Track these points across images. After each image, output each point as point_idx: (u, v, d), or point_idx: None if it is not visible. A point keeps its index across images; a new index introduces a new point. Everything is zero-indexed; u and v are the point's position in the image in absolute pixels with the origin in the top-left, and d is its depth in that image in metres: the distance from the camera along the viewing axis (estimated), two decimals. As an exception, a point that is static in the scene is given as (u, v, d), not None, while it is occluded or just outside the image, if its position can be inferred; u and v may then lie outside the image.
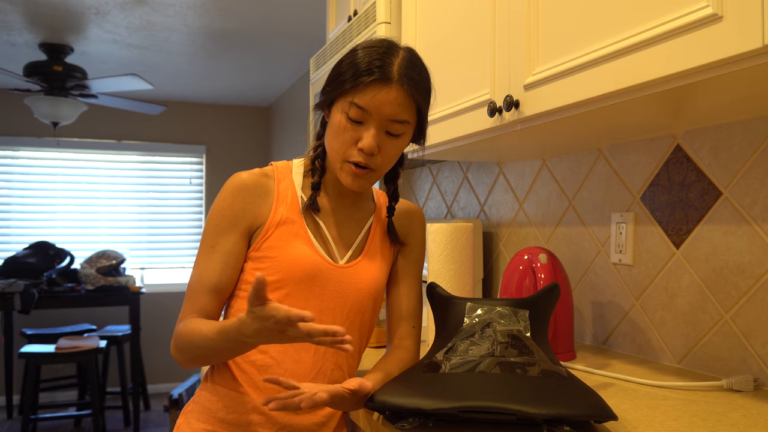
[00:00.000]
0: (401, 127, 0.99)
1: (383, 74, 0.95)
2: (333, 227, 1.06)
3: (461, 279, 1.47)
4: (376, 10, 1.80)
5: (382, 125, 0.97)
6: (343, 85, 0.97)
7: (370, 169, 1.00)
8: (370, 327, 1.11)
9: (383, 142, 0.98)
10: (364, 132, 0.97)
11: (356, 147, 0.98)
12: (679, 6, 0.86)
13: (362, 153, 0.97)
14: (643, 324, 1.41)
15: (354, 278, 1.05)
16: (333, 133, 1.00)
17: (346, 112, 0.97)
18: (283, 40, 3.64)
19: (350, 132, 0.97)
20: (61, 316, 4.97)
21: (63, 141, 4.97)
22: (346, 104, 0.97)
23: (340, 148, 0.99)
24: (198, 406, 1.03)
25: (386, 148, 0.99)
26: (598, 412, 0.81)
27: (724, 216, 1.22)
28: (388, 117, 0.97)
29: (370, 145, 0.96)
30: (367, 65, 0.96)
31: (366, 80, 0.95)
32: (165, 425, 4.29)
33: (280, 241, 1.01)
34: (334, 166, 1.02)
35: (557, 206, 1.70)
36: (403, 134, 1.00)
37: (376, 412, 0.97)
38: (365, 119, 0.97)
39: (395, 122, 0.98)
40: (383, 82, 0.95)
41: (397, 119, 0.97)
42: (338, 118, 0.98)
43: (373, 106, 0.95)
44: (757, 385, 1.13)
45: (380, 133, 0.98)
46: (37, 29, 3.43)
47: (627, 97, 0.97)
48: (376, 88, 0.95)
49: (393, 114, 0.97)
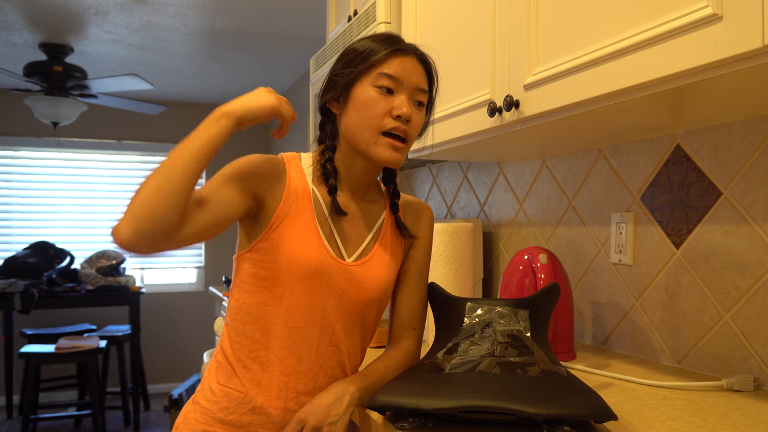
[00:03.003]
0: (424, 97, 1.03)
1: (403, 46, 1.01)
2: (342, 224, 1.05)
3: (461, 279, 1.47)
4: (376, 10, 1.80)
5: (411, 94, 1.01)
6: (366, 61, 1.00)
7: (405, 140, 1.01)
8: (373, 327, 1.11)
9: (413, 111, 1.01)
10: (396, 100, 1.00)
11: (390, 116, 0.99)
12: (679, 6, 0.86)
13: (400, 119, 0.99)
14: (643, 324, 1.41)
15: (361, 277, 1.04)
16: (361, 109, 1.00)
17: (376, 84, 1.00)
18: (283, 40, 3.64)
19: (382, 102, 0.99)
20: (61, 316, 4.97)
21: (63, 141, 4.97)
22: (375, 77, 1.00)
23: (373, 120, 0.99)
24: (198, 406, 1.03)
25: (414, 118, 1.02)
26: (598, 412, 0.81)
27: (724, 216, 1.22)
28: (415, 85, 1.01)
29: (406, 111, 0.99)
30: (383, 41, 1.01)
31: (390, 51, 1.00)
32: (165, 425, 4.29)
33: (287, 233, 0.99)
34: (366, 144, 1.00)
35: (557, 206, 1.70)
36: (425, 106, 1.05)
37: (376, 412, 0.97)
38: (396, 88, 1.00)
39: (420, 91, 1.02)
40: (405, 53, 1.01)
41: (422, 87, 1.02)
42: (367, 93, 1.00)
43: (403, 74, 1.00)
44: (757, 385, 1.13)
45: (410, 102, 1.01)
46: (37, 29, 3.43)
47: (627, 97, 0.97)
48: (402, 58, 1.01)
49: (418, 82, 1.02)
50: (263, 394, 1.00)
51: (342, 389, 0.97)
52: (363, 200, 1.09)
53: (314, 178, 1.06)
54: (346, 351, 1.05)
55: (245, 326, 1.01)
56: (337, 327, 1.03)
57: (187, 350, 5.31)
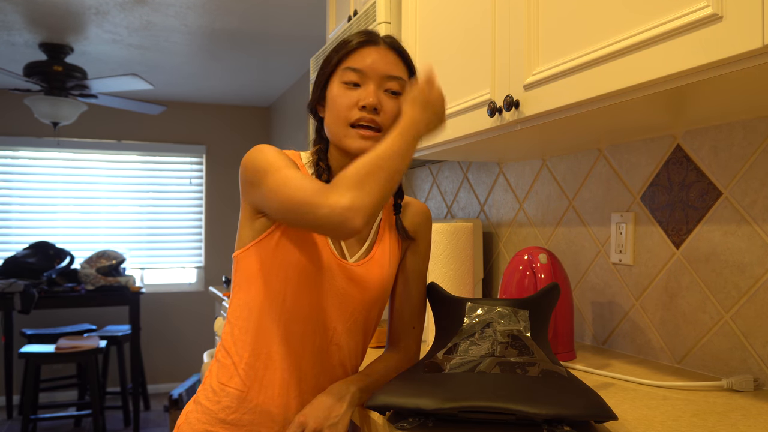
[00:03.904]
0: (398, 84, 1.02)
1: (370, 37, 1.02)
2: None
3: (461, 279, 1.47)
4: (376, 10, 1.80)
5: (380, 83, 1.01)
6: (333, 59, 1.02)
7: (376, 130, 1.00)
8: (374, 326, 1.11)
9: (383, 100, 1.00)
10: (362, 91, 1.00)
11: (356, 107, 0.99)
12: (679, 6, 0.86)
13: (365, 110, 0.99)
14: (643, 324, 1.41)
15: (362, 277, 1.04)
16: (332, 106, 1.02)
17: (342, 80, 1.00)
18: (283, 40, 3.64)
19: (349, 96, 1.00)
20: (61, 316, 4.97)
21: (63, 141, 4.97)
22: (341, 73, 1.01)
23: (341, 113, 1.00)
24: (199, 406, 1.03)
25: (387, 106, 1.01)
26: (598, 412, 0.81)
27: (724, 216, 1.22)
28: (383, 73, 1.00)
29: (370, 100, 0.98)
30: (352, 36, 1.02)
31: (355, 44, 1.01)
32: (165, 425, 4.29)
33: (291, 231, 1.00)
34: (339, 138, 1.01)
35: (557, 206, 1.70)
36: (401, 93, 1.03)
37: (376, 412, 0.97)
38: (362, 80, 1.00)
39: (391, 79, 1.01)
40: (371, 44, 1.02)
41: (391, 75, 1.01)
42: (336, 90, 1.01)
43: (367, 65, 1.00)
44: (757, 385, 1.13)
45: (379, 91, 1.01)
46: (37, 29, 3.43)
47: (627, 97, 0.97)
48: (367, 50, 1.01)
49: (386, 70, 1.01)
50: (265, 394, 1.00)
51: (342, 390, 0.97)
52: None
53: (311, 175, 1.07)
54: (347, 350, 1.05)
55: (247, 325, 1.01)
56: (339, 326, 1.03)
57: (187, 350, 5.31)
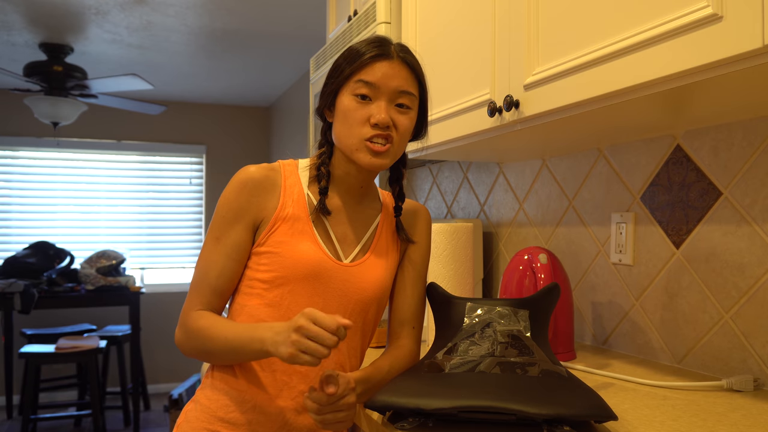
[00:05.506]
0: (409, 100, 1.01)
1: (384, 51, 1.00)
2: (339, 226, 1.06)
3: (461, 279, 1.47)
4: (376, 10, 1.80)
5: (391, 98, 1.00)
6: (346, 70, 1.00)
7: (389, 144, 1.00)
8: (373, 327, 1.11)
9: (394, 116, 1.00)
10: (374, 107, 0.99)
11: (369, 124, 0.99)
12: (679, 6, 0.86)
13: (377, 127, 0.99)
14: (643, 324, 1.41)
15: (359, 277, 1.05)
16: (342, 118, 1.01)
17: (354, 93, 0.99)
18: (283, 40, 3.64)
19: (360, 111, 0.99)
20: (61, 316, 4.98)
21: (63, 141, 4.97)
22: (353, 85, 1.00)
23: (353, 128, 0.99)
24: (198, 406, 1.03)
25: (398, 121, 1.01)
26: (598, 412, 0.81)
27: (724, 216, 1.22)
28: (396, 89, 0.99)
29: (383, 118, 0.98)
30: (366, 48, 1.00)
31: (368, 57, 0.99)
32: (165, 425, 4.29)
33: (285, 237, 1.01)
34: (350, 150, 1.01)
35: (557, 206, 1.70)
36: (411, 109, 1.03)
37: (376, 412, 0.97)
38: (374, 95, 0.99)
39: (403, 94, 1.00)
40: (385, 58, 1.00)
41: (403, 90, 1.00)
42: (346, 102, 1.00)
43: (380, 80, 0.99)
44: (757, 385, 1.13)
45: (390, 107, 1.00)
46: (37, 29, 3.43)
47: (627, 97, 0.97)
48: (380, 64, 0.99)
49: (399, 86, 1.00)
50: (263, 394, 1.00)
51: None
52: (359, 203, 1.10)
53: (310, 181, 1.07)
54: (346, 351, 1.06)
55: (245, 326, 1.02)
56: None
57: (187, 350, 5.30)
